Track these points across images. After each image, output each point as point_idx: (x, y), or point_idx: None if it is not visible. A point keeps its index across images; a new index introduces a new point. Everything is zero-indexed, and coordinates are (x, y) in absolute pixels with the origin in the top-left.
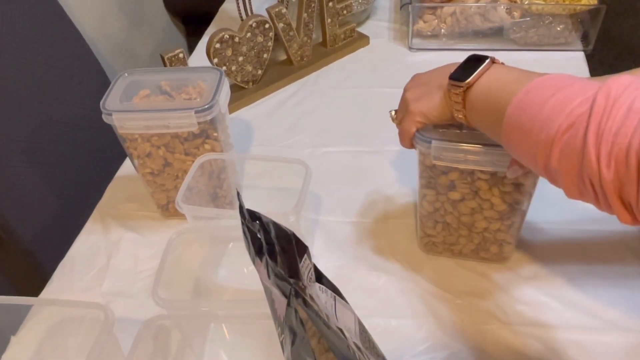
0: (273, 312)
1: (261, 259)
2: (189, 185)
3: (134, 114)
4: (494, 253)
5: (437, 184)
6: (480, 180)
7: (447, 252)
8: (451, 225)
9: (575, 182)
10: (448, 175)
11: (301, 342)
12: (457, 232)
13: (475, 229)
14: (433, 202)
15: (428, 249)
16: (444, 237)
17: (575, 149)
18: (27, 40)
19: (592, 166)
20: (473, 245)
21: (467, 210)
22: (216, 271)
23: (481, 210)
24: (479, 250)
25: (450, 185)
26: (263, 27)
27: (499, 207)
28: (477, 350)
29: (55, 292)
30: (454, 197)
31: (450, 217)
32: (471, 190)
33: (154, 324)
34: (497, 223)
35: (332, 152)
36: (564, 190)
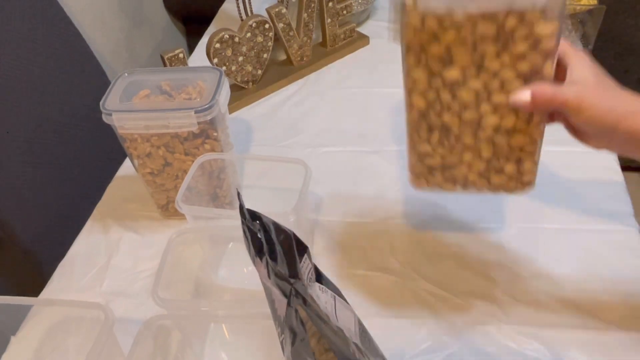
0: (273, 312)
1: (261, 259)
2: (189, 185)
3: (134, 114)
4: (511, 175)
5: (429, 60)
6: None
7: (448, 182)
8: (451, 130)
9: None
10: (441, 41)
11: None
12: (459, 142)
13: (484, 132)
14: (425, 93)
15: (423, 180)
16: (442, 155)
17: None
18: (27, 40)
19: None
20: (481, 163)
21: (470, 98)
22: (216, 271)
23: (489, 96)
24: (490, 173)
25: (446, 58)
26: (263, 27)
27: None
28: (477, 350)
29: (55, 292)
30: (452, 77)
31: (449, 115)
32: (473, 61)
33: (154, 324)
34: (512, 116)
35: (332, 152)
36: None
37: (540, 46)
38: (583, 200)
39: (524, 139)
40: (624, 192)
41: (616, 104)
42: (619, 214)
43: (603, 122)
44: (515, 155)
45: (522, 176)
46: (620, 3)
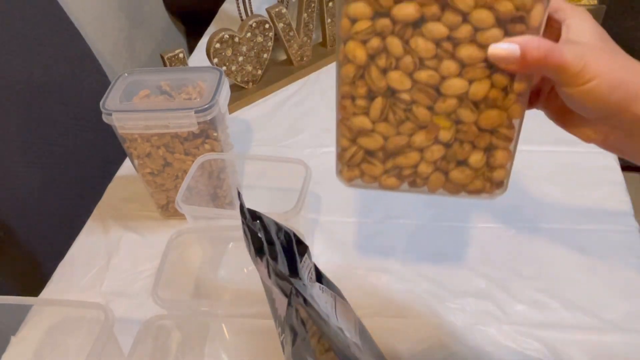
0: (274, 311)
1: (262, 259)
2: (189, 185)
3: (133, 114)
4: (477, 168)
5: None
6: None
7: (390, 176)
8: (400, 97)
9: None
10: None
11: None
12: (410, 116)
13: (444, 102)
14: (365, 39)
15: (356, 171)
16: (385, 135)
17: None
18: (27, 40)
19: None
20: (438, 148)
21: (428, 49)
22: (216, 271)
23: (455, 48)
24: (450, 165)
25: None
26: (263, 27)
27: (487, 34)
28: (477, 350)
29: (55, 292)
30: (406, 16)
31: (398, 74)
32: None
33: (154, 324)
34: (485, 82)
35: (332, 152)
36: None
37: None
38: (583, 200)
39: (499, 116)
40: (624, 192)
41: (628, 75)
42: (619, 214)
43: (608, 97)
44: (486, 140)
45: (492, 172)
46: (620, 3)
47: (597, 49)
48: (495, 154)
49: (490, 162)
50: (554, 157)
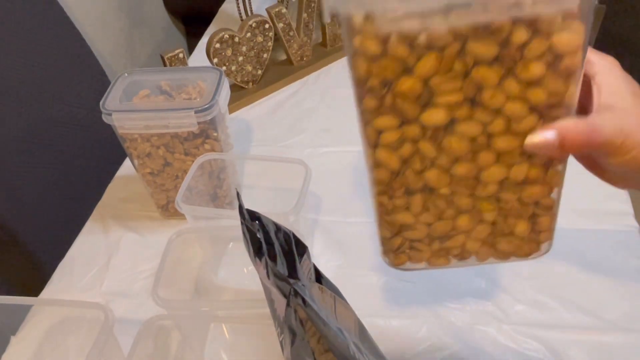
0: (273, 312)
1: (260, 259)
2: (189, 185)
3: (133, 114)
4: (524, 237)
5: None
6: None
7: (439, 257)
8: (439, 192)
9: None
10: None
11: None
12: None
13: (485, 189)
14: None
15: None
16: (428, 224)
17: None
18: (27, 40)
19: None
20: (484, 228)
21: (463, 147)
22: (216, 271)
23: (490, 142)
24: (497, 238)
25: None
26: (263, 27)
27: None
28: (477, 350)
29: (55, 292)
30: (435, 121)
31: (435, 173)
32: (465, 96)
33: (154, 324)
34: (524, 165)
35: (332, 152)
36: None
37: (561, 65)
38: (583, 200)
39: (540, 190)
40: (624, 192)
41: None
42: (619, 214)
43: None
44: (529, 211)
45: (539, 235)
46: (620, 3)
47: (634, 115)
48: (539, 221)
49: (536, 228)
50: None
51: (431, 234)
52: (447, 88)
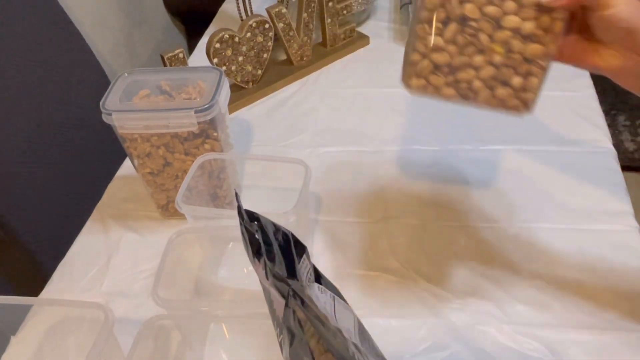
0: (272, 312)
1: (259, 260)
2: (189, 185)
3: (133, 114)
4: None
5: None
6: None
7: (449, 87)
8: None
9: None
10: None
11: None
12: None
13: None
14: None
15: (422, 80)
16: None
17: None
18: (27, 40)
19: None
20: (491, 69)
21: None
22: (216, 271)
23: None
24: (496, 83)
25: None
26: (263, 27)
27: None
28: (477, 350)
29: (55, 292)
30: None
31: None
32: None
33: (154, 324)
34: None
35: (332, 152)
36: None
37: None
38: (583, 200)
39: (539, 49)
40: (624, 192)
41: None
42: (619, 214)
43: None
44: (525, 68)
45: (526, 93)
46: None
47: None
48: (530, 79)
49: (526, 85)
50: (554, 157)
51: (452, 63)
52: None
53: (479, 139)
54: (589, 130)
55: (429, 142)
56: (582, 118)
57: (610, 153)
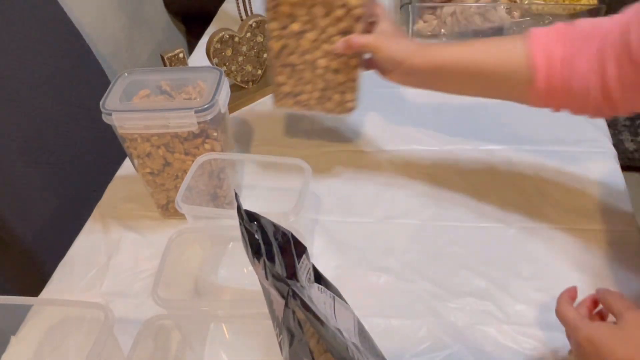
0: (271, 312)
1: (259, 260)
2: (189, 185)
3: (133, 114)
4: (338, 102)
5: (280, 16)
6: (317, 7)
7: (297, 104)
8: (297, 67)
9: None
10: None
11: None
12: (303, 76)
13: (317, 71)
14: (278, 39)
15: (281, 102)
16: (291, 85)
17: None
18: (27, 40)
19: None
20: (318, 92)
21: (308, 45)
22: (216, 271)
23: (320, 45)
24: (324, 100)
25: (291, 16)
26: (263, 27)
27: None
28: (477, 350)
29: (55, 292)
30: (295, 29)
31: (295, 56)
32: (309, 19)
33: (154, 324)
34: (336, 60)
35: (332, 152)
36: None
37: (352, 13)
38: (583, 200)
39: (346, 76)
40: (624, 192)
41: (403, 47)
42: (619, 214)
43: (393, 58)
44: (340, 89)
45: (346, 103)
46: (620, 3)
47: (389, 35)
48: (346, 94)
49: (344, 99)
50: (554, 157)
51: (293, 90)
52: (301, 14)
53: (479, 139)
54: (589, 130)
55: (429, 142)
56: (582, 118)
57: (610, 153)
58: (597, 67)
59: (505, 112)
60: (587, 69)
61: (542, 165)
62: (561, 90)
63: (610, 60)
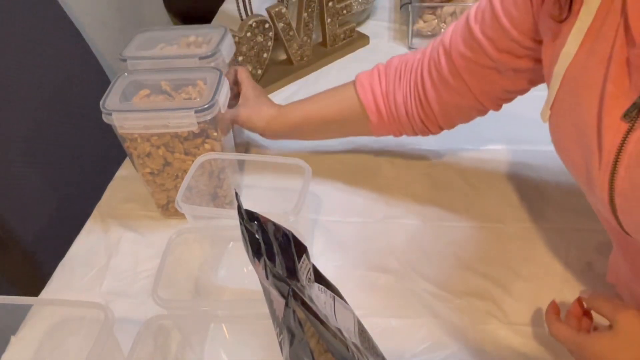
0: (272, 312)
1: (259, 260)
2: (189, 185)
3: (133, 114)
4: None
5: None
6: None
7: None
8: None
9: None
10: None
11: (299, 343)
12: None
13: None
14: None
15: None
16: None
17: None
18: (27, 40)
19: None
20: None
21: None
22: (216, 271)
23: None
24: None
25: None
26: (263, 27)
27: None
28: (477, 350)
29: (55, 292)
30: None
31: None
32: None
33: (154, 324)
34: None
35: (332, 152)
36: None
37: None
38: (583, 200)
39: None
40: None
41: (264, 115)
42: None
43: (255, 129)
44: None
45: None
46: None
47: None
48: None
49: None
50: (554, 157)
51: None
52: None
53: (479, 139)
54: None
55: (429, 142)
56: None
57: None
58: (414, 95)
59: (505, 112)
60: (404, 98)
61: (542, 165)
62: (389, 120)
63: (426, 86)
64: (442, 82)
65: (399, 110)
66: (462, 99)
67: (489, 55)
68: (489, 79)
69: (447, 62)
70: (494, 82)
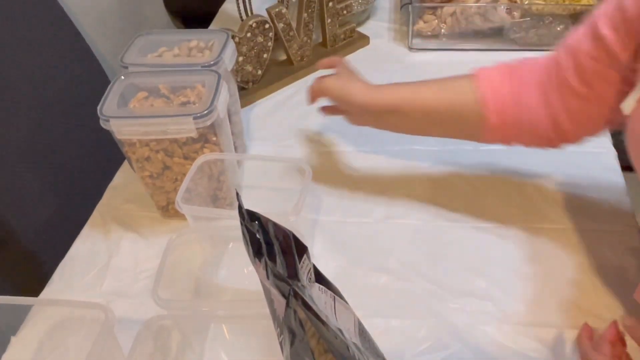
0: (272, 312)
1: (260, 260)
2: (189, 187)
3: (131, 120)
4: None
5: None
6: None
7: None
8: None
9: None
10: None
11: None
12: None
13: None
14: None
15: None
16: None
17: None
18: (27, 40)
19: None
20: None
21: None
22: (216, 271)
23: None
24: None
25: None
26: (263, 27)
27: None
28: (477, 350)
29: (55, 292)
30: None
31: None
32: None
33: (154, 324)
34: None
35: (332, 152)
36: None
37: None
38: (583, 200)
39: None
40: (624, 192)
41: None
42: (619, 214)
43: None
44: None
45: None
46: None
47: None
48: None
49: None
50: (554, 157)
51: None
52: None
53: None
54: None
55: (429, 142)
56: None
57: (610, 153)
58: (543, 101)
59: None
60: (535, 103)
61: (542, 165)
62: (512, 125)
63: (552, 93)
64: None
65: (527, 115)
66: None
67: None
68: None
69: None
70: None
